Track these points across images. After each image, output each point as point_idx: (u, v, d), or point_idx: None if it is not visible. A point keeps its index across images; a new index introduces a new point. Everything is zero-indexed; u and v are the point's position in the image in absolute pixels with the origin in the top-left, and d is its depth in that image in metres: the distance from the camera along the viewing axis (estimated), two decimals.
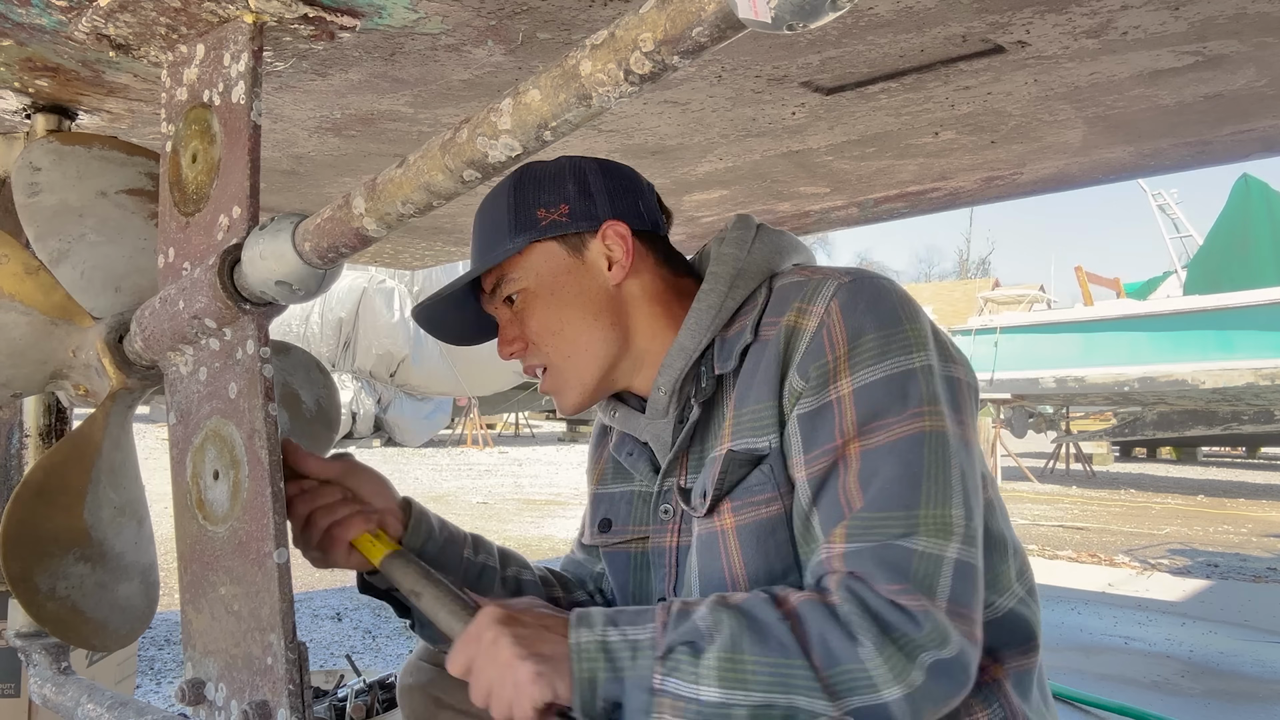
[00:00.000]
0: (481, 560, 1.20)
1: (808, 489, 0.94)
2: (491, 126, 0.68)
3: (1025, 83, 1.44)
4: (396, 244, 2.83)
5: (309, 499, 1.06)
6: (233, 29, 1.03)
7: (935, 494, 0.89)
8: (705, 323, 1.06)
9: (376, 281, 14.08)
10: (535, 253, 1.09)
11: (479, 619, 0.92)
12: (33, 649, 1.26)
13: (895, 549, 0.87)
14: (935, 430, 0.92)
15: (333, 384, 1.44)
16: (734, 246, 1.10)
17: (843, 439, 0.92)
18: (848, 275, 1.00)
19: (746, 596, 0.90)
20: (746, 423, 1.00)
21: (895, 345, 0.94)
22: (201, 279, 0.94)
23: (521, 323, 1.10)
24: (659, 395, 1.08)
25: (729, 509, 1.00)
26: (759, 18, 0.50)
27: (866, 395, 0.93)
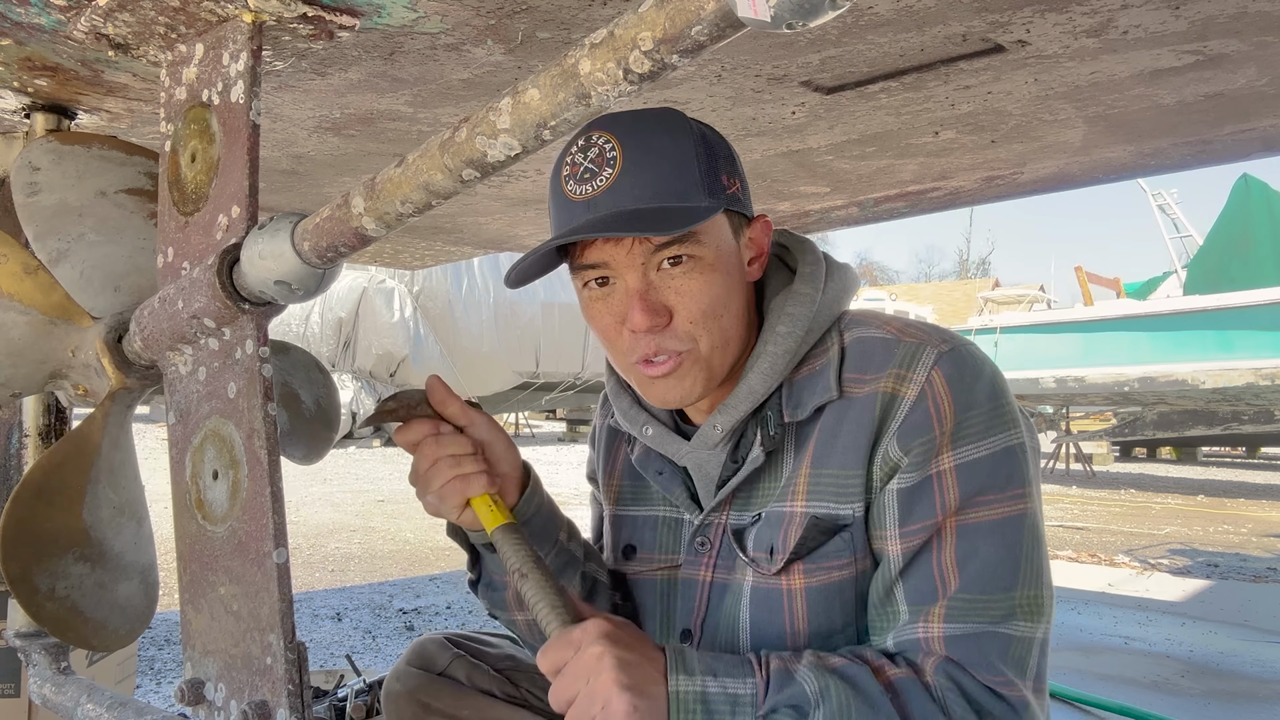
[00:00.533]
0: (571, 548, 1.15)
1: (900, 561, 0.93)
2: (490, 126, 0.68)
3: (1025, 82, 1.44)
4: (396, 244, 2.82)
5: (440, 443, 1.00)
6: (232, 28, 1.03)
7: (1030, 575, 0.91)
8: (780, 368, 1.00)
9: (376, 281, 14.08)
10: (718, 222, 0.97)
11: (588, 628, 0.87)
12: (32, 649, 1.26)
13: (996, 637, 0.89)
14: (1032, 511, 0.93)
15: (332, 384, 1.44)
16: (809, 285, 1.03)
17: (943, 515, 0.92)
18: (944, 342, 0.96)
19: (847, 662, 0.89)
20: (828, 487, 0.97)
21: (998, 422, 0.93)
22: (200, 279, 0.94)
23: (680, 295, 0.95)
24: (713, 432, 1.03)
25: (800, 569, 0.98)
26: (758, 16, 0.50)
27: (970, 472, 0.92)
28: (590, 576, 1.17)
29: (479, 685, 1.16)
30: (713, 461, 1.05)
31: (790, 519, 0.98)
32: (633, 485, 1.18)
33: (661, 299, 0.95)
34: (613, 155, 0.94)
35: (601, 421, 1.25)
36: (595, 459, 1.26)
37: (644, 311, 0.94)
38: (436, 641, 1.20)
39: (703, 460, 1.06)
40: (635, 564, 1.14)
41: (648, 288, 0.95)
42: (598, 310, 1.00)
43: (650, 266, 0.95)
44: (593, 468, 1.27)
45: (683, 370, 0.98)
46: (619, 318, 0.98)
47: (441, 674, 1.17)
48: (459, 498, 1.00)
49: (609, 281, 0.98)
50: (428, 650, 1.20)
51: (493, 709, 1.14)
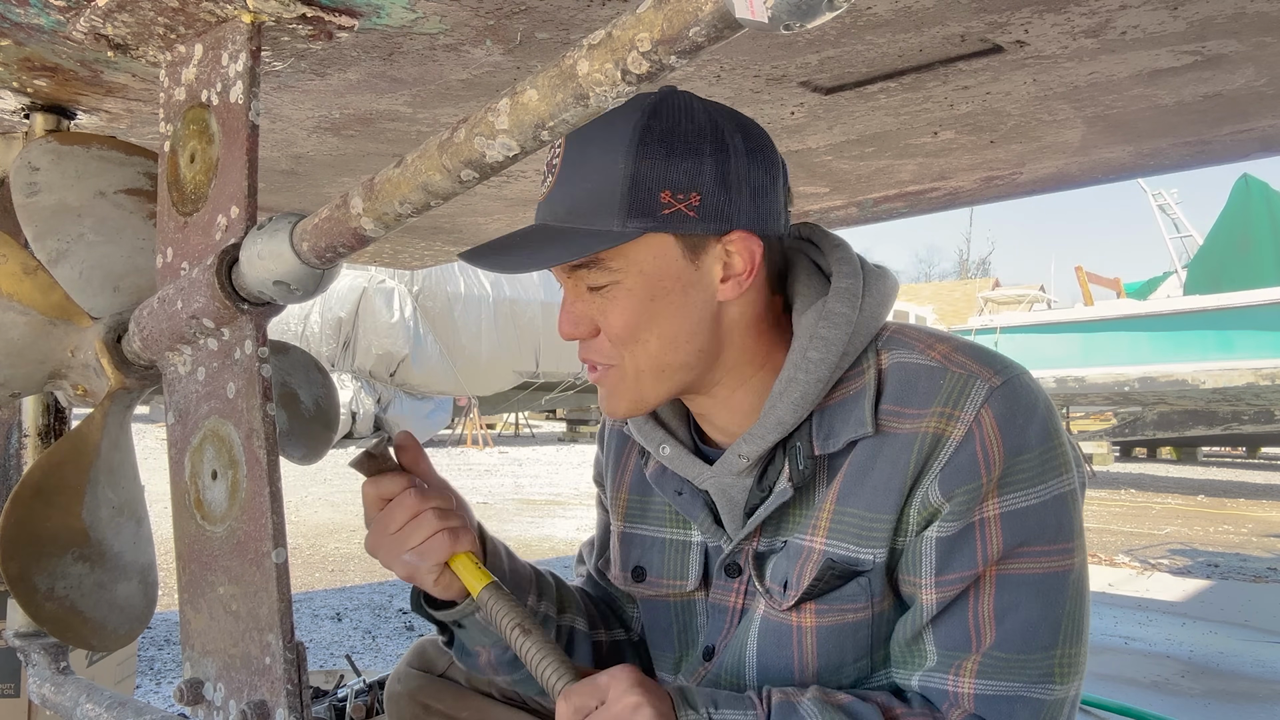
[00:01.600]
0: (543, 609, 1.11)
1: (934, 609, 0.89)
2: (489, 126, 0.68)
3: (1024, 82, 1.44)
4: (396, 244, 2.83)
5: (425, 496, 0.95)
6: (231, 29, 1.03)
7: (1071, 634, 0.87)
8: (811, 398, 0.92)
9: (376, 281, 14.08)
10: (645, 244, 0.89)
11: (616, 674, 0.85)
12: (32, 649, 1.26)
13: (1029, 703, 0.86)
14: (1076, 566, 0.88)
15: (331, 384, 1.44)
16: (845, 304, 0.93)
17: (984, 565, 0.87)
18: (996, 375, 0.88)
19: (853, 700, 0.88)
20: (851, 528, 0.91)
21: (1050, 468, 0.87)
22: (200, 279, 0.94)
23: (601, 311, 0.92)
24: (738, 460, 0.96)
25: (812, 609, 0.94)
26: (756, 18, 0.50)
27: (1017, 522, 0.86)
28: (568, 629, 1.15)
29: (478, 687, 1.17)
30: (737, 487, 0.98)
31: (808, 555, 0.93)
32: (640, 500, 1.12)
33: (587, 309, 0.93)
34: (556, 161, 0.92)
35: (611, 425, 1.19)
36: (603, 462, 1.20)
37: (566, 321, 0.94)
38: (436, 643, 1.21)
39: (727, 485, 0.99)
40: (646, 587, 1.11)
41: (576, 298, 0.94)
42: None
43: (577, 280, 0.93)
44: (600, 471, 1.22)
45: (607, 382, 0.96)
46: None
47: (442, 675, 1.18)
48: (442, 555, 0.94)
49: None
50: (428, 652, 1.20)
51: (492, 710, 1.15)
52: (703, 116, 0.90)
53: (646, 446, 1.06)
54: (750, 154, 0.90)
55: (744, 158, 0.90)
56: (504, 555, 1.08)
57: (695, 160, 0.88)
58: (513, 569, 1.09)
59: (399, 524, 0.94)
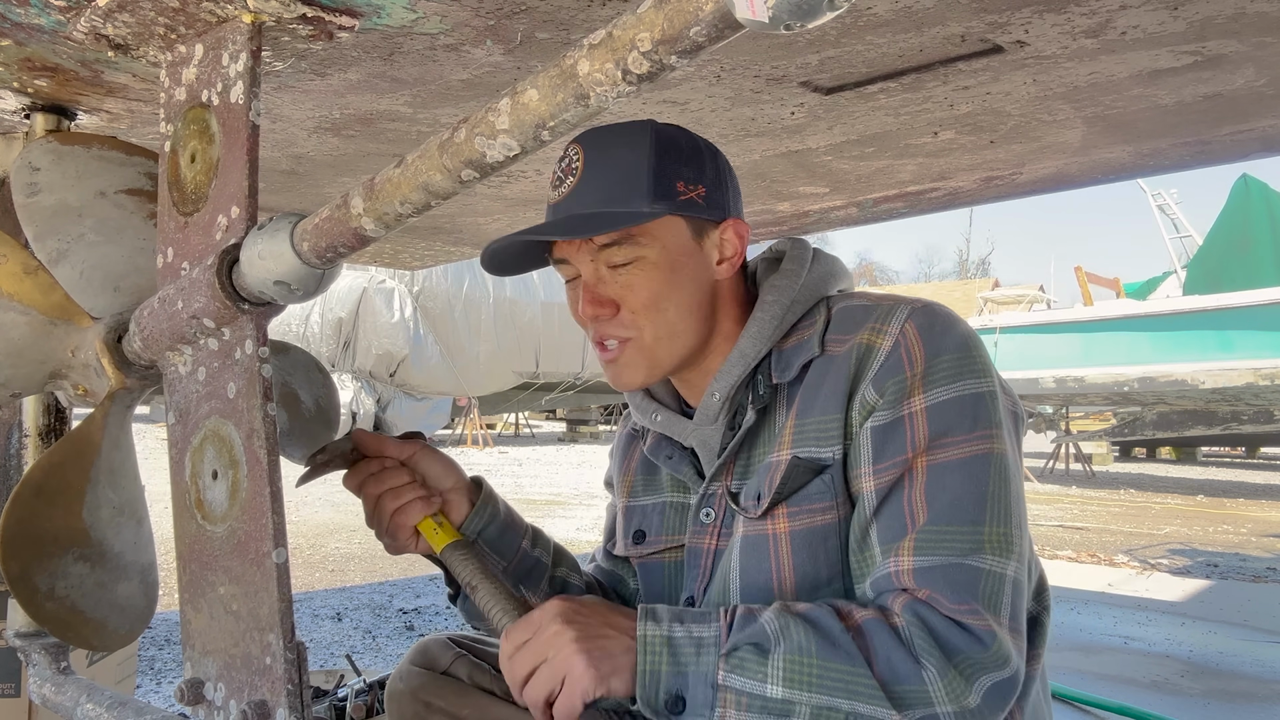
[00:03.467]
0: (536, 555, 1.22)
1: (873, 498, 0.97)
2: (489, 126, 0.68)
3: (1024, 82, 1.44)
4: (396, 244, 2.83)
5: (378, 481, 1.10)
6: (231, 29, 1.03)
7: (999, 512, 0.94)
8: (767, 332, 1.07)
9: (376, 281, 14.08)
10: (666, 224, 1.05)
11: (547, 607, 0.93)
12: (32, 649, 1.26)
13: (964, 568, 0.91)
14: (999, 452, 0.96)
15: (332, 384, 1.44)
16: (794, 264, 1.12)
17: (913, 452, 0.95)
18: (918, 301, 1.03)
19: (810, 607, 0.92)
20: (811, 432, 1.02)
21: (967, 369, 0.98)
22: (200, 279, 0.94)
23: (624, 288, 1.05)
24: (712, 400, 1.09)
25: (784, 513, 1.02)
26: (757, 17, 0.50)
27: (939, 412, 0.96)
28: (561, 580, 1.24)
29: (480, 684, 1.17)
30: (714, 436, 1.11)
31: (776, 466, 1.03)
32: (644, 478, 1.24)
33: (608, 292, 1.05)
34: (576, 165, 1.06)
35: (622, 430, 1.33)
36: (612, 466, 1.33)
37: (590, 302, 1.05)
38: (439, 642, 1.21)
39: (706, 436, 1.12)
40: (644, 547, 1.20)
41: (597, 281, 1.06)
42: (570, 299, 1.10)
43: (600, 263, 1.05)
44: (609, 475, 1.34)
45: (626, 356, 1.07)
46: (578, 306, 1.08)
47: (444, 673, 1.18)
48: (405, 530, 1.10)
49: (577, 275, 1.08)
50: (430, 650, 1.20)
51: (494, 708, 1.15)
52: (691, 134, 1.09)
53: (643, 420, 1.20)
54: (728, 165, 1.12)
55: (726, 166, 1.11)
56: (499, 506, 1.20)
57: (697, 161, 1.07)
58: (508, 516, 1.21)
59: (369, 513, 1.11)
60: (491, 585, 1.02)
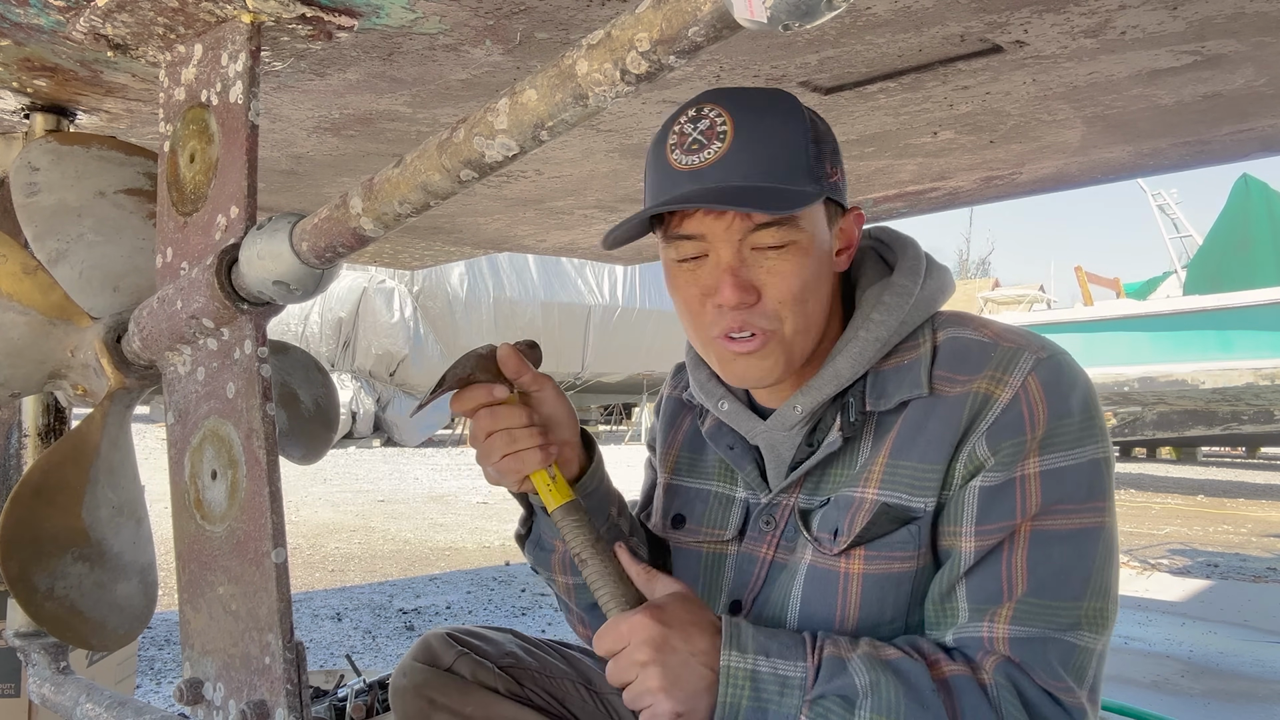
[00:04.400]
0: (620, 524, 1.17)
1: (970, 559, 0.93)
2: (488, 126, 0.68)
3: (1023, 82, 1.44)
4: (396, 244, 2.83)
5: (495, 416, 1.00)
6: (230, 29, 1.03)
7: (1099, 588, 0.92)
8: (869, 355, 1.00)
9: (376, 281, 14.08)
10: (817, 209, 0.97)
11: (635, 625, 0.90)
12: (32, 649, 1.26)
13: (1060, 644, 0.89)
14: (1107, 525, 0.93)
15: (331, 383, 1.44)
16: (908, 278, 1.03)
17: (1021, 518, 0.91)
18: (1043, 349, 0.96)
19: (902, 656, 0.90)
20: (904, 478, 0.96)
21: (1089, 434, 0.93)
22: (199, 279, 0.94)
23: (772, 274, 0.95)
24: (793, 413, 1.02)
25: (861, 555, 0.98)
26: (755, 18, 0.50)
27: (1055, 480, 0.92)
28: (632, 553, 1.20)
29: (483, 682, 1.17)
30: (787, 443, 1.05)
31: (860, 504, 0.98)
32: (690, 457, 1.19)
33: (752, 277, 0.95)
34: (723, 129, 0.94)
35: (670, 392, 1.27)
36: (657, 428, 1.28)
37: (734, 287, 0.94)
38: (441, 639, 1.21)
39: (777, 441, 1.06)
40: (682, 534, 1.16)
41: (740, 264, 0.95)
42: (684, 281, 0.99)
43: (746, 244, 0.95)
44: (652, 436, 1.29)
45: (766, 350, 0.98)
46: (706, 290, 0.98)
47: (448, 670, 1.18)
48: (515, 474, 1.02)
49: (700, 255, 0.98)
50: (433, 647, 1.20)
51: (496, 705, 1.15)
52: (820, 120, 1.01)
53: (706, 403, 1.12)
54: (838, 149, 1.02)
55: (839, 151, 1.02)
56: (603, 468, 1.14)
57: (833, 145, 1.00)
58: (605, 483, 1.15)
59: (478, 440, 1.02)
60: (601, 563, 0.98)
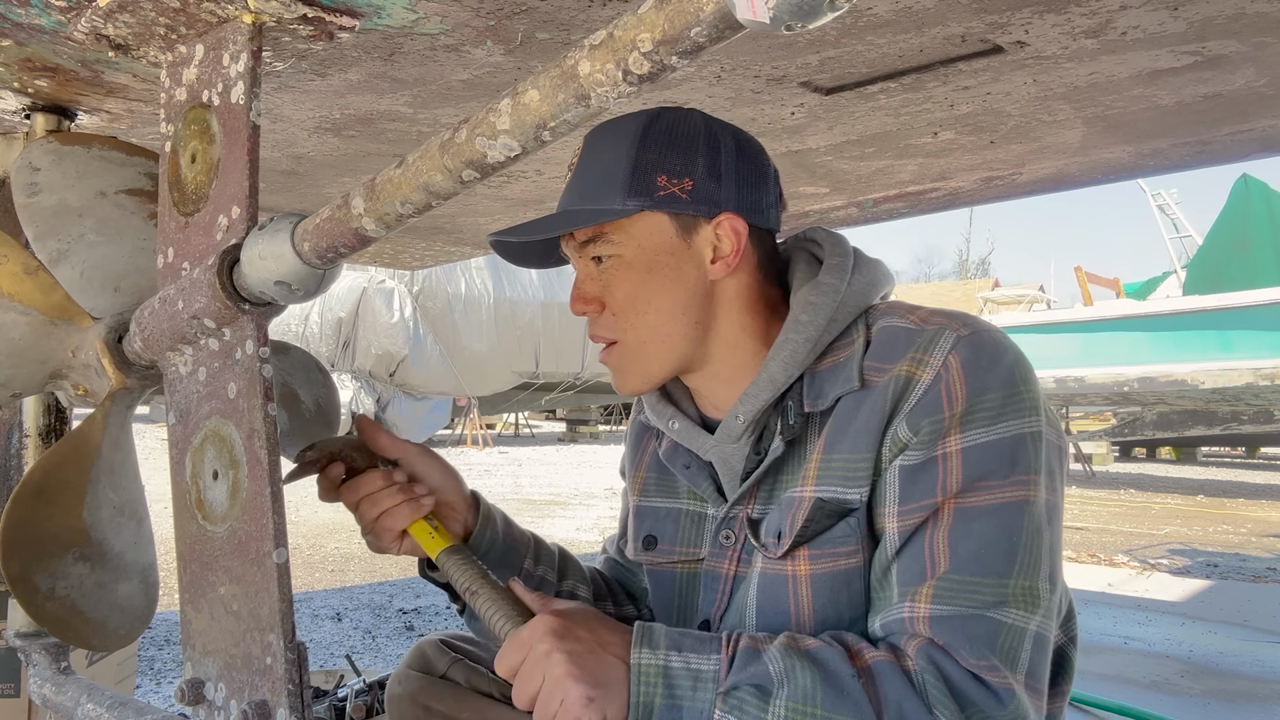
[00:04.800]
0: (540, 573, 1.18)
1: (896, 540, 0.92)
2: (490, 127, 0.68)
3: (1024, 83, 1.44)
4: (396, 244, 2.83)
5: (357, 486, 1.07)
6: (232, 29, 1.03)
7: (1028, 565, 0.88)
8: (800, 357, 1.00)
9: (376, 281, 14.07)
10: (643, 221, 1.00)
11: (534, 625, 0.90)
12: (32, 649, 1.26)
13: (984, 620, 0.86)
14: (1035, 500, 0.90)
15: (332, 384, 1.44)
16: (834, 276, 1.03)
17: (943, 496, 0.90)
18: (965, 326, 0.96)
19: (820, 645, 0.88)
20: (838, 471, 0.96)
21: (1011, 408, 0.91)
22: (201, 279, 0.94)
23: (605, 286, 1.02)
24: (735, 423, 1.03)
25: (805, 555, 0.97)
26: (757, 18, 0.50)
27: (976, 456, 0.90)
28: (569, 595, 1.20)
29: (478, 688, 1.16)
30: (737, 455, 1.05)
31: (799, 503, 0.98)
32: (658, 478, 1.19)
33: (591, 289, 1.04)
34: (574, 160, 1.04)
35: (635, 415, 1.28)
36: (626, 454, 1.28)
37: (574, 297, 1.04)
38: (434, 645, 1.20)
39: (727, 454, 1.06)
40: (655, 555, 1.15)
41: (585, 278, 1.04)
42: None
43: (585, 259, 1.04)
44: (624, 463, 1.29)
45: (615, 358, 1.05)
46: None
47: (442, 677, 1.18)
48: (389, 534, 1.07)
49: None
50: (427, 654, 1.20)
51: (492, 711, 1.14)
52: (699, 120, 1.02)
53: (658, 424, 1.13)
54: (740, 153, 1.02)
55: (733, 154, 1.02)
56: (498, 521, 1.17)
57: (689, 152, 1.00)
58: (508, 534, 1.17)
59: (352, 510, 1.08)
60: (491, 591, 0.98)
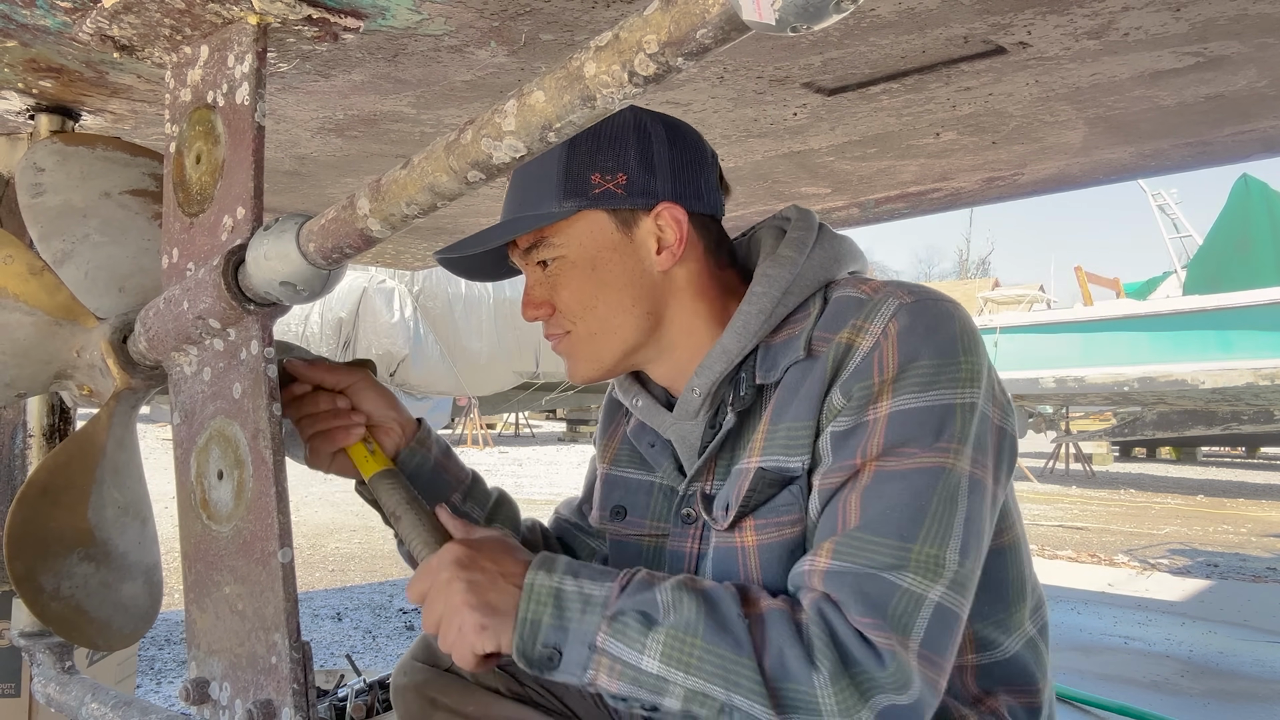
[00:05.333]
0: (467, 509, 1.17)
1: (818, 503, 0.92)
2: (496, 127, 0.68)
3: (1026, 83, 1.45)
4: (398, 244, 2.83)
5: (297, 406, 1.08)
6: (236, 30, 1.03)
7: (935, 532, 0.86)
8: (753, 328, 1.00)
9: (376, 281, 14.08)
10: (582, 221, 1.01)
11: (439, 555, 0.92)
12: (36, 648, 1.26)
13: (878, 580, 0.84)
14: (955, 470, 0.88)
15: None
16: (793, 249, 1.03)
17: (862, 459, 0.89)
18: (910, 295, 0.94)
19: (715, 586, 0.88)
20: (780, 440, 0.96)
21: (945, 377, 0.90)
22: (205, 279, 0.94)
23: (552, 288, 1.04)
24: (692, 396, 1.03)
25: (751, 526, 0.97)
26: (763, 20, 0.50)
27: (900, 421, 0.89)
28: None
29: (484, 681, 1.17)
30: (694, 432, 1.07)
31: (744, 475, 0.98)
32: (631, 451, 1.18)
33: (540, 293, 1.06)
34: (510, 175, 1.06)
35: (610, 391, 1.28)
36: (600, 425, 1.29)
37: (525, 304, 1.07)
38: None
39: (686, 432, 1.08)
40: (623, 526, 1.15)
41: (534, 284, 1.07)
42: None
43: (531, 265, 1.06)
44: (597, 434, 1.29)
45: (565, 349, 1.07)
46: None
47: (448, 670, 1.18)
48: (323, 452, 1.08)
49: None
50: (433, 646, 1.20)
51: (497, 705, 1.15)
52: (628, 114, 1.02)
53: (625, 402, 1.16)
54: (671, 141, 1.03)
55: (665, 144, 1.02)
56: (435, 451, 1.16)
57: (620, 147, 1.01)
58: (442, 464, 1.16)
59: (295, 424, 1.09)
60: (414, 515, 1.00)
